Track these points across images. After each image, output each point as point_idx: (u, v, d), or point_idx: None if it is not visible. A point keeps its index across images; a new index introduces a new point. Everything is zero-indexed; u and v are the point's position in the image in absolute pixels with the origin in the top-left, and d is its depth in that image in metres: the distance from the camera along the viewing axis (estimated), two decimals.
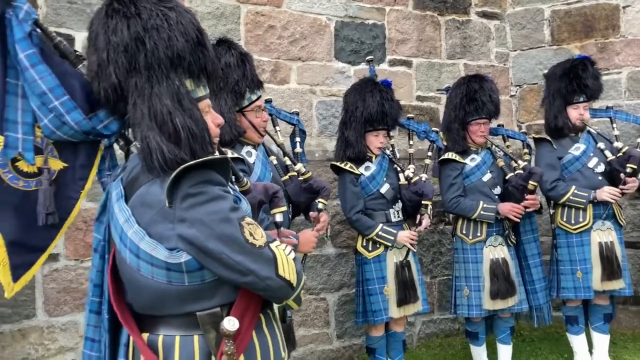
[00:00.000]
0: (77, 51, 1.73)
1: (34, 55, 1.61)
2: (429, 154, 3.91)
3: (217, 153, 1.57)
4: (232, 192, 1.49)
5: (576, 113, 3.93)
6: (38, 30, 1.67)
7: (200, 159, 1.38)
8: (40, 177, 1.69)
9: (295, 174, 3.00)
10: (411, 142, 3.91)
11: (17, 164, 1.67)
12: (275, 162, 2.97)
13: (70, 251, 3.41)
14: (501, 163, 3.92)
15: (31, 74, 1.60)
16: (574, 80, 3.89)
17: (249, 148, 2.81)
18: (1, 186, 1.66)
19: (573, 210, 3.87)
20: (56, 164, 1.72)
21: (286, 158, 3.05)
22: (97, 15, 1.52)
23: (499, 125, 4.26)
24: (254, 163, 2.79)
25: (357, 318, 3.65)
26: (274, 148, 3.14)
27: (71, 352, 3.42)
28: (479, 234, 3.80)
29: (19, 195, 1.68)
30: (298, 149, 3.30)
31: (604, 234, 3.80)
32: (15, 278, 1.70)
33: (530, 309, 3.94)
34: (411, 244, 3.51)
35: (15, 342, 3.25)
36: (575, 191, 3.83)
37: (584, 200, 3.80)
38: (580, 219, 3.84)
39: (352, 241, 4.32)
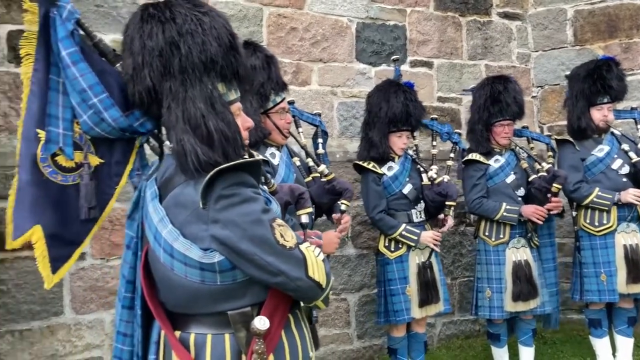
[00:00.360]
0: (114, 50, 1.77)
1: (76, 54, 1.66)
2: (452, 155, 3.91)
3: (246, 155, 1.60)
4: (263, 194, 1.52)
5: (600, 114, 3.89)
6: (79, 29, 1.71)
7: (234, 162, 1.41)
8: (80, 172, 1.74)
9: (318, 175, 3.01)
10: (434, 143, 3.92)
11: (56, 158, 1.71)
12: (298, 163, 2.99)
13: (96, 250, 3.48)
14: (525, 165, 3.90)
15: (72, 72, 1.65)
16: (598, 81, 3.85)
17: (273, 150, 2.84)
18: (41, 180, 1.70)
19: (597, 212, 3.83)
20: (93, 160, 1.76)
21: (309, 159, 3.06)
22: (133, 20, 1.55)
23: (523, 127, 4.24)
24: (277, 165, 2.80)
25: (379, 318, 3.67)
26: (296, 149, 3.17)
27: (97, 349, 3.48)
28: (501, 236, 3.79)
29: (57, 190, 1.72)
30: (320, 150, 3.32)
31: (628, 236, 3.75)
32: (54, 270, 1.74)
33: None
34: (434, 245, 3.52)
35: (44, 339, 3.33)
36: (599, 193, 3.79)
37: (608, 202, 3.76)
38: (604, 221, 3.80)
39: (372, 242, 4.33)
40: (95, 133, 1.69)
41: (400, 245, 3.55)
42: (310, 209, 2.00)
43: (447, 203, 3.52)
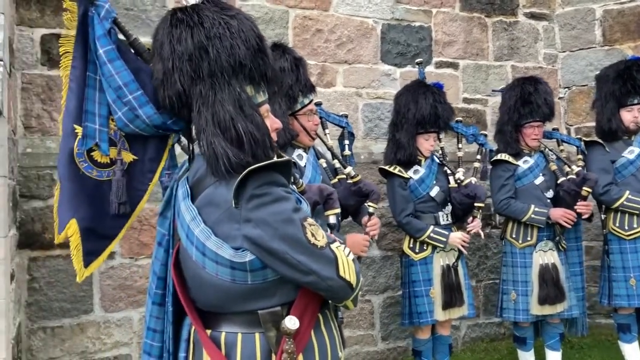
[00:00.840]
0: (149, 49, 1.80)
1: (112, 51, 1.69)
2: (478, 157, 3.89)
3: (276, 156, 1.62)
4: (294, 194, 1.53)
5: (630, 116, 3.83)
6: (116, 28, 1.76)
7: (266, 162, 1.42)
8: (113, 168, 1.76)
9: (345, 177, 3.02)
10: (460, 146, 3.90)
11: (92, 153, 1.75)
12: (324, 165, 3.00)
13: (125, 249, 3.54)
14: (554, 167, 3.86)
15: (109, 69, 1.68)
16: (628, 81, 3.79)
17: (300, 151, 2.84)
18: (77, 174, 1.74)
19: (627, 215, 3.77)
20: (127, 157, 1.79)
21: (335, 161, 3.07)
22: (162, 25, 1.58)
23: (553, 129, 4.19)
24: (304, 166, 2.82)
25: (403, 319, 3.66)
26: (322, 150, 3.18)
27: (125, 347, 3.54)
28: (529, 238, 3.75)
29: (92, 185, 1.75)
30: (347, 152, 3.33)
31: None
32: (87, 264, 1.77)
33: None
34: (463, 246, 3.50)
35: (74, 336, 3.40)
36: (630, 196, 3.73)
37: (639, 206, 3.70)
38: (635, 225, 3.74)
39: (397, 244, 4.33)
40: (129, 130, 1.72)
41: (425, 247, 3.54)
42: (338, 210, 2.00)
43: (475, 204, 3.50)
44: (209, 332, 1.51)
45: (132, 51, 1.79)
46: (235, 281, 1.44)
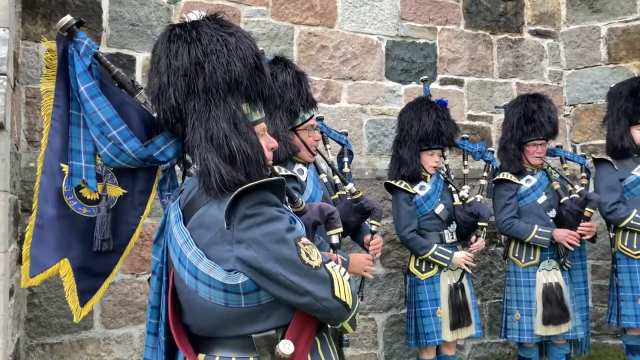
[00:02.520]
0: (133, 81, 1.80)
1: (94, 88, 1.70)
2: (485, 174, 3.85)
3: (270, 175, 1.60)
4: (287, 213, 1.51)
5: None
6: (98, 63, 1.75)
7: (258, 181, 1.40)
8: (99, 205, 1.76)
9: (345, 192, 2.98)
10: (465, 163, 3.87)
11: (81, 191, 1.75)
12: (325, 180, 2.97)
13: (127, 265, 3.50)
14: (557, 185, 3.82)
15: (91, 106, 1.68)
16: None
17: (300, 166, 2.82)
18: (68, 213, 1.73)
19: (635, 234, 3.72)
20: (116, 191, 1.79)
21: (336, 177, 3.04)
22: (161, 40, 1.58)
23: (557, 146, 4.16)
24: (305, 181, 2.79)
25: (409, 340, 3.60)
26: (323, 167, 3.15)
27: None
28: (532, 258, 3.71)
29: (83, 222, 1.75)
30: (346, 169, 3.32)
31: None
32: (83, 303, 1.77)
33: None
34: (467, 265, 3.46)
35: (73, 353, 3.35)
36: (637, 215, 3.68)
37: None
38: None
39: (401, 261, 4.29)
40: (116, 164, 1.72)
41: (431, 266, 3.50)
42: (340, 229, 1.98)
43: (479, 224, 3.46)
44: (202, 357, 1.48)
45: (116, 84, 1.78)
46: (228, 305, 1.41)
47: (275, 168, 2.02)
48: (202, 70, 1.48)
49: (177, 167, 1.84)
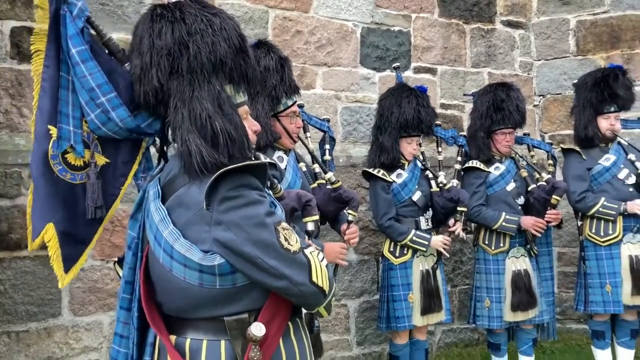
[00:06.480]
0: (123, 50, 1.76)
1: (85, 52, 1.65)
2: (459, 159, 3.90)
3: (253, 158, 1.58)
4: (268, 197, 1.50)
5: (607, 123, 3.87)
6: (89, 27, 1.70)
7: (240, 164, 1.39)
8: (86, 171, 1.73)
9: (324, 181, 2.96)
10: (439, 149, 3.90)
11: (66, 156, 1.71)
12: (304, 169, 2.95)
13: (97, 251, 3.42)
14: (524, 173, 3.89)
15: (82, 69, 1.64)
16: (605, 89, 3.84)
17: (281, 153, 2.78)
18: (52, 177, 1.70)
19: (602, 222, 3.81)
20: (100, 159, 1.76)
21: (315, 165, 3.02)
22: (143, 20, 1.54)
23: (524, 134, 4.23)
24: (285, 169, 2.76)
25: (380, 324, 3.63)
26: (302, 153, 3.12)
27: (95, 352, 3.43)
28: (501, 245, 3.78)
29: (66, 187, 1.72)
30: (327, 157, 3.29)
31: (634, 247, 3.72)
32: (67, 269, 1.74)
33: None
34: (444, 249, 3.49)
35: (40, 341, 3.27)
36: (605, 203, 3.77)
37: (614, 212, 3.74)
38: (610, 232, 3.77)
39: (373, 247, 4.31)
40: (102, 132, 1.68)
41: (405, 251, 3.52)
42: (316, 217, 1.99)
43: (458, 208, 3.50)
44: (174, 337, 1.47)
45: (106, 51, 1.74)
46: (203, 285, 1.40)
47: (257, 155, 2.00)
48: (186, 50, 1.46)
49: (152, 149, 1.81)
